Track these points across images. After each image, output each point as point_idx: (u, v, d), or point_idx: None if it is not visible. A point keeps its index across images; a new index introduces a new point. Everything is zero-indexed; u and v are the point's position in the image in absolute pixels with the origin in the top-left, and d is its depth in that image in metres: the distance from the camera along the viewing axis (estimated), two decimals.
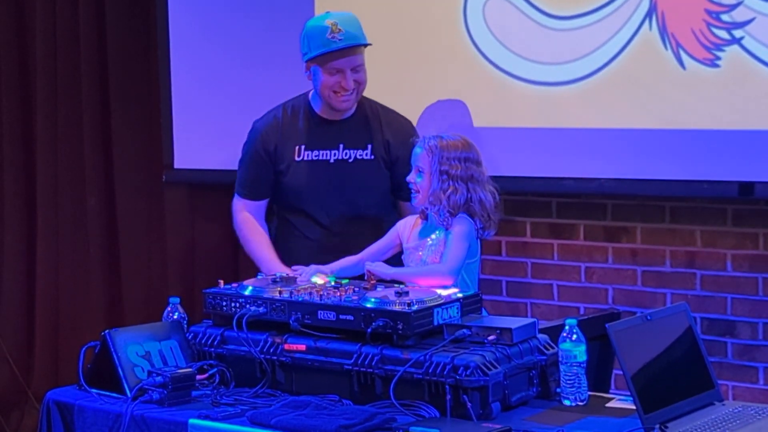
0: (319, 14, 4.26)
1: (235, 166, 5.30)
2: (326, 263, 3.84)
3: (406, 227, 3.85)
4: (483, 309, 3.45)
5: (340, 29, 4.01)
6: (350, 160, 4.10)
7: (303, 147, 4.12)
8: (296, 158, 4.12)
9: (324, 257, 3.96)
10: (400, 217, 4.10)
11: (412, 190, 3.75)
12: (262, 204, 4.26)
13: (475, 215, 3.68)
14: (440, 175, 3.66)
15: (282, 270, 3.90)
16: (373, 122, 4.15)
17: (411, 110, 4.84)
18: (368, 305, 3.18)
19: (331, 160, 4.11)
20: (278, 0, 5.18)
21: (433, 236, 3.71)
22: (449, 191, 3.65)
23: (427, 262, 3.70)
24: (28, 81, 5.93)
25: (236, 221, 4.30)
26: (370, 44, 4.06)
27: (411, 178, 3.74)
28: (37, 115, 5.88)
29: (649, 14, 4.44)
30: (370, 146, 4.11)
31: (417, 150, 3.75)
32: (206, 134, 5.39)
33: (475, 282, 3.75)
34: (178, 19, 5.43)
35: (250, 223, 4.25)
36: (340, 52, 4.01)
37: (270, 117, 4.22)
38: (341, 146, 4.11)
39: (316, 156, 4.11)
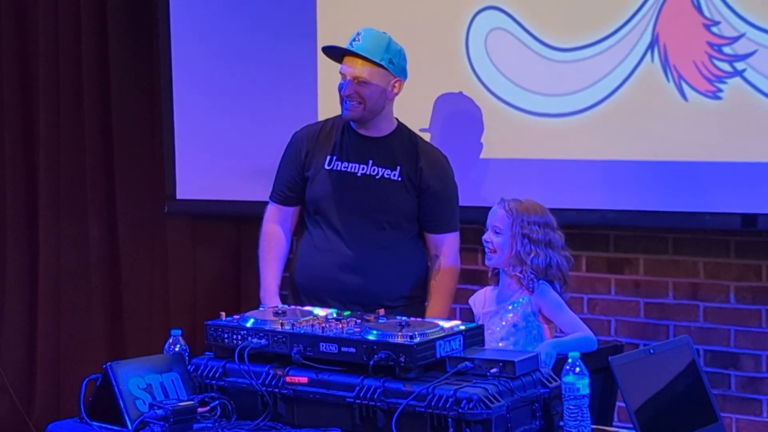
0: None
1: (237, 197, 5.33)
2: (344, 280, 4.00)
3: (477, 297, 3.94)
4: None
5: (359, 39, 4.09)
6: (377, 177, 4.14)
7: (334, 157, 4.18)
8: (326, 166, 4.17)
9: (342, 273, 4.05)
10: (426, 248, 4.19)
11: (487, 250, 3.82)
12: (291, 211, 4.27)
13: (554, 280, 3.79)
14: (522, 238, 3.72)
15: (273, 303, 4.02)
16: (408, 147, 4.19)
17: None
18: (370, 337, 3.17)
19: (359, 174, 4.14)
20: (282, 29, 5.20)
21: (514, 303, 3.78)
22: (531, 255, 3.73)
23: (515, 325, 3.76)
24: (31, 111, 5.94)
25: (262, 231, 4.31)
26: (380, 64, 4.07)
27: (487, 237, 3.82)
28: (39, 147, 5.90)
29: (651, 46, 4.44)
30: (399, 168, 4.14)
31: (496, 210, 3.80)
32: (208, 165, 5.40)
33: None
34: (181, 49, 5.44)
35: (270, 236, 4.27)
36: (340, 53, 4.10)
37: (310, 127, 4.32)
38: (370, 162, 4.15)
39: (344, 167, 4.16)
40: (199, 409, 3.26)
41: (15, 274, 5.99)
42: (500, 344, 3.72)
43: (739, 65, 4.31)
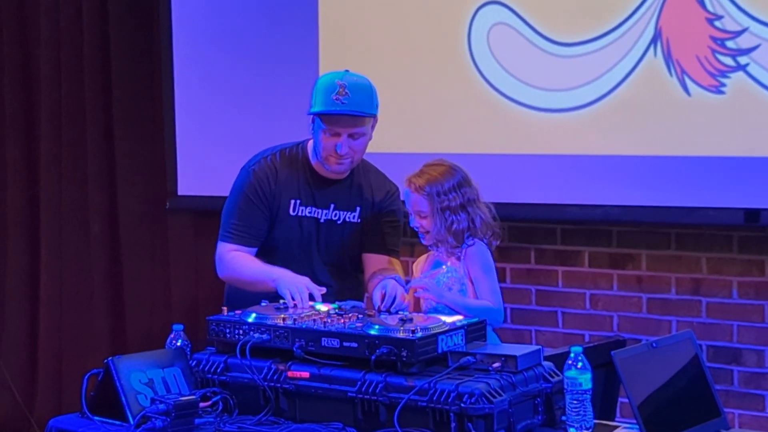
0: (339, 70, 3.94)
1: None
2: None
3: (420, 263, 3.90)
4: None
5: (346, 93, 3.81)
6: (338, 222, 4.01)
7: (298, 202, 3.99)
8: (291, 212, 4.00)
9: None
10: (362, 269, 4.03)
11: (420, 233, 3.80)
12: (252, 252, 4.01)
13: (478, 234, 3.75)
14: (441, 213, 3.71)
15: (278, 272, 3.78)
16: (364, 186, 4.03)
17: (413, 138, 4.85)
18: (372, 332, 3.17)
19: (322, 220, 4.00)
20: (283, 24, 5.19)
21: (450, 267, 3.75)
22: (453, 225, 3.70)
23: (449, 289, 3.73)
24: (32, 108, 5.94)
25: (224, 261, 4.00)
26: (374, 114, 3.85)
27: (415, 223, 3.79)
28: (41, 142, 5.90)
29: (653, 41, 4.43)
30: (358, 209, 4.02)
31: (410, 194, 3.77)
32: (210, 161, 5.39)
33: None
34: (182, 44, 5.44)
35: (239, 255, 3.98)
36: (338, 116, 3.83)
37: (266, 163, 4.03)
38: (332, 206, 4.00)
39: (309, 213, 4.00)
40: (201, 404, 3.26)
41: (17, 270, 5.99)
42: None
43: (743, 60, 4.30)
